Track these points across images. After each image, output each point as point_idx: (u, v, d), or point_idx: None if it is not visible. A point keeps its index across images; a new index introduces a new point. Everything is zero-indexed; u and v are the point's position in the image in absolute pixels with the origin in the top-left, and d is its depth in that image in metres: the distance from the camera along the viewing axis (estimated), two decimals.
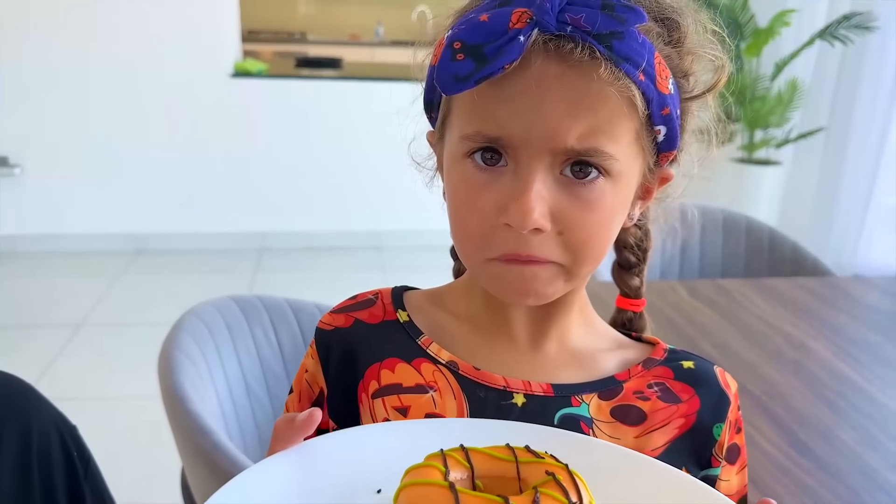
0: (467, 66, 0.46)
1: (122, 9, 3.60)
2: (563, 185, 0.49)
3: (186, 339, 1.14)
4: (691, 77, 0.53)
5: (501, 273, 0.52)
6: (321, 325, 0.62)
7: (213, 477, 0.95)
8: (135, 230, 3.90)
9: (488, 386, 0.57)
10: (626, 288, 0.66)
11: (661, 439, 0.57)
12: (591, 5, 0.45)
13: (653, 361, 0.60)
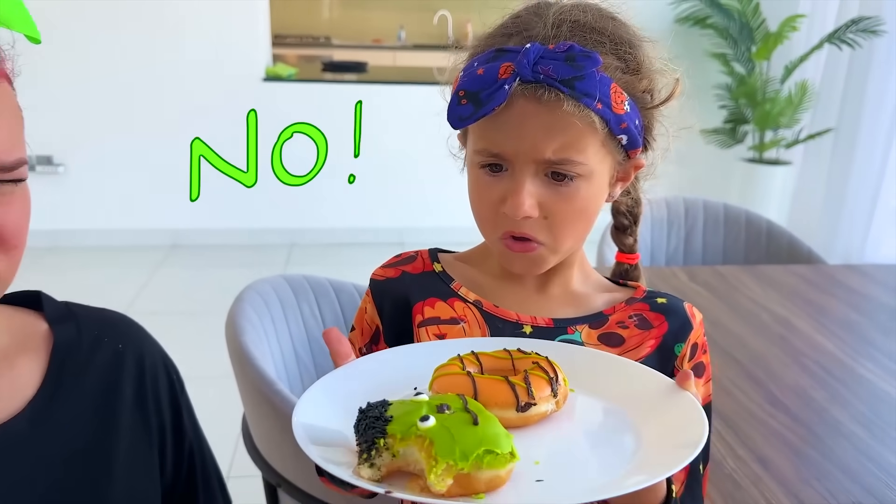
0: (468, 109, 0.65)
1: (162, 15, 3.82)
2: (547, 184, 0.67)
3: (248, 309, 1.32)
4: (654, 91, 0.70)
5: (508, 255, 0.71)
6: (375, 277, 0.80)
7: (276, 417, 1.13)
8: (171, 225, 4.11)
9: (504, 319, 0.75)
10: (622, 245, 0.84)
11: (634, 357, 0.74)
12: (557, 58, 0.62)
13: (634, 300, 0.78)
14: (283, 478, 1.20)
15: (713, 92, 4.12)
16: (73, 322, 0.71)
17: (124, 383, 0.71)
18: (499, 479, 0.51)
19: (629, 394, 0.63)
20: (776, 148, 4.05)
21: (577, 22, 0.66)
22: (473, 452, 0.49)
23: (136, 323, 0.77)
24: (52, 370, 0.67)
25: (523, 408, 0.58)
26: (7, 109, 0.57)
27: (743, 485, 1.02)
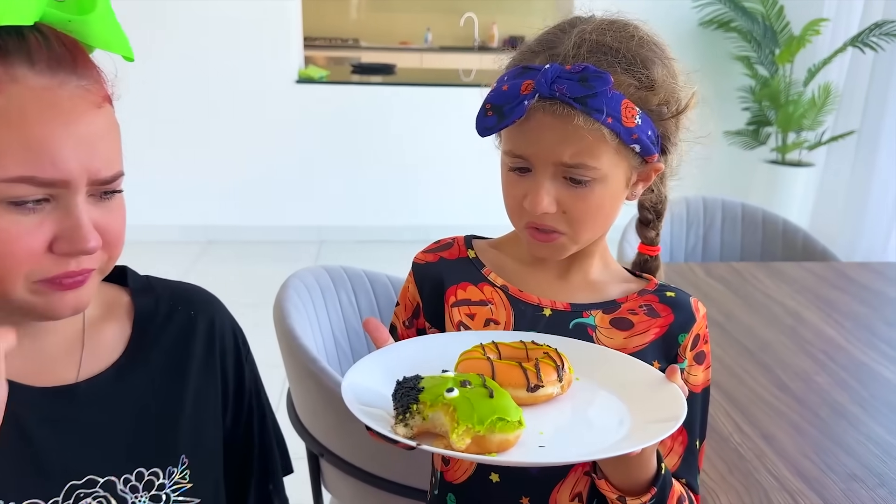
0: (493, 120, 0.76)
1: (201, 19, 3.98)
2: (564, 185, 0.76)
3: (293, 295, 1.44)
4: (671, 103, 0.77)
5: (533, 242, 0.81)
6: (417, 261, 0.91)
7: (320, 391, 1.25)
8: (206, 222, 4.27)
9: (527, 302, 0.85)
10: (644, 238, 0.93)
11: (640, 341, 0.83)
12: (572, 78, 0.71)
13: (646, 291, 0.87)
14: (326, 448, 1.32)
15: (736, 94, 4.18)
16: (152, 293, 0.81)
17: (195, 345, 0.81)
18: (508, 443, 0.62)
19: (625, 383, 0.73)
20: (799, 150, 4.10)
21: (596, 42, 0.75)
22: (488, 418, 0.60)
23: (207, 291, 0.87)
24: (135, 335, 0.77)
25: (532, 389, 0.69)
26: (110, 129, 0.65)
27: (747, 457, 1.12)
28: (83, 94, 0.62)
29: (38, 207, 0.61)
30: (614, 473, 0.74)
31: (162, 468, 0.75)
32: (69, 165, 0.61)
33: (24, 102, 0.59)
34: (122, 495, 0.72)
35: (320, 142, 4.34)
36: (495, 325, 0.85)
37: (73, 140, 0.61)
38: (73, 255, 0.63)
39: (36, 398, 0.69)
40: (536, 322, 0.84)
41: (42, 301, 0.64)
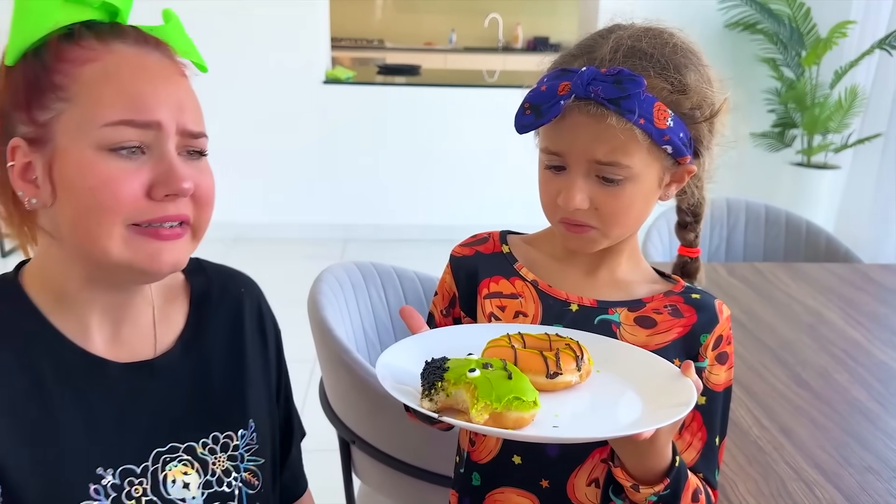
0: (530, 118, 0.80)
1: (231, 23, 4.06)
2: (597, 182, 0.80)
3: (325, 289, 1.50)
4: (703, 108, 0.80)
5: (566, 234, 0.85)
6: (454, 254, 0.96)
7: (352, 380, 1.30)
8: (234, 219, 4.36)
9: (555, 297, 0.89)
10: (683, 240, 0.96)
11: (662, 339, 0.86)
12: (607, 80, 0.75)
13: (672, 293, 0.90)
14: (357, 435, 1.37)
15: (762, 96, 4.18)
16: (204, 274, 0.88)
17: (246, 318, 0.88)
18: (523, 420, 0.67)
19: (641, 376, 0.77)
20: (825, 152, 4.09)
21: (631, 48, 0.79)
22: (505, 397, 0.66)
23: (245, 274, 0.94)
24: (192, 312, 0.84)
25: (551, 375, 0.73)
26: (192, 95, 0.75)
27: (766, 450, 1.15)
28: (168, 64, 0.73)
29: (135, 157, 0.68)
30: (630, 462, 0.77)
31: (235, 431, 0.83)
32: (160, 111, 0.69)
33: (119, 64, 0.69)
34: (203, 457, 0.79)
35: (346, 141, 4.41)
36: (524, 318, 0.89)
37: (162, 92, 0.70)
38: (170, 198, 0.69)
39: (122, 373, 0.76)
40: (563, 316, 0.88)
41: (142, 255, 0.69)
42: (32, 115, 0.68)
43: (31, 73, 0.69)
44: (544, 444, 0.86)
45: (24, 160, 0.69)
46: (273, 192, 4.42)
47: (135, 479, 0.74)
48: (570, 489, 0.87)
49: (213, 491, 0.79)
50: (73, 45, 0.69)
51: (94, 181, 0.66)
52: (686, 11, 4.19)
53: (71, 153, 0.67)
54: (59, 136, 0.68)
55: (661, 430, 0.71)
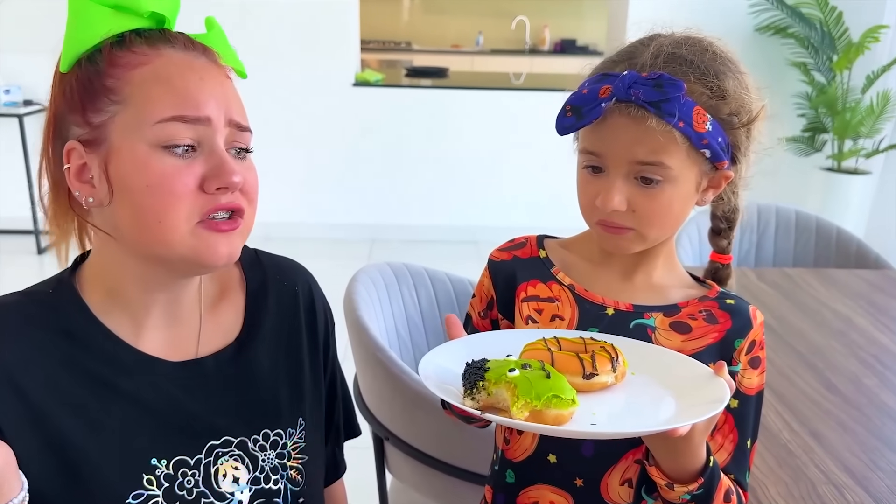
0: (571, 120, 0.82)
1: (264, 27, 4.13)
2: (635, 185, 0.82)
3: (360, 288, 1.54)
4: (741, 114, 0.82)
5: (603, 235, 0.87)
6: (492, 258, 0.98)
7: (387, 378, 1.34)
8: (263, 219, 4.41)
9: (591, 301, 0.91)
10: (716, 246, 0.97)
11: (698, 344, 0.88)
12: (647, 84, 0.77)
13: (706, 298, 0.91)
14: (390, 432, 1.40)
15: (792, 100, 4.16)
16: (261, 267, 0.90)
17: (300, 314, 0.90)
18: (562, 418, 0.70)
19: (675, 376, 0.79)
20: (855, 157, 4.06)
21: (672, 54, 0.81)
22: (545, 395, 0.69)
23: (303, 266, 0.96)
24: (249, 308, 0.87)
25: (587, 376, 0.76)
26: (237, 93, 0.78)
27: (796, 453, 1.17)
28: (212, 65, 0.77)
29: (187, 155, 0.71)
30: (665, 461, 0.79)
31: (284, 430, 0.85)
32: (209, 106, 0.73)
33: (168, 66, 0.73)
34: (254, 453, 0.82)
35: (375, 143, 4.46)
36: (560, 321, 0.91)
37: (209, 90, 0.74)
38: (222, 190, 0.72)
39: (174, 371, 0.79)
40: (599, 320, 0.89)
41: (202, 247, 0.72)
42: (87, 117, 0.72)
43: (85, 78, 0.72)
44: (579, 443, 0.89)
45: (79, 162, 0.73)
46: (302, 192, 4.48)
47: (188, 470, 0.77)
48: (603, 488, 0.89)
49: (259, 487, 0.82)
50: (125, 50, 0.73)
51: (149, 178, 0.70)
52: (715, 15, 4.18)
53: (126, 152, 0.70)
54: (114, 136, 0.71)
55: (696, 429, 0.73)
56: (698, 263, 2.14)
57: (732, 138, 0.82)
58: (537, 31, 7.75)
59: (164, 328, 0.80)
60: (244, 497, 0.80)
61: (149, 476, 0.75)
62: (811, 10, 4.09)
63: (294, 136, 4.37)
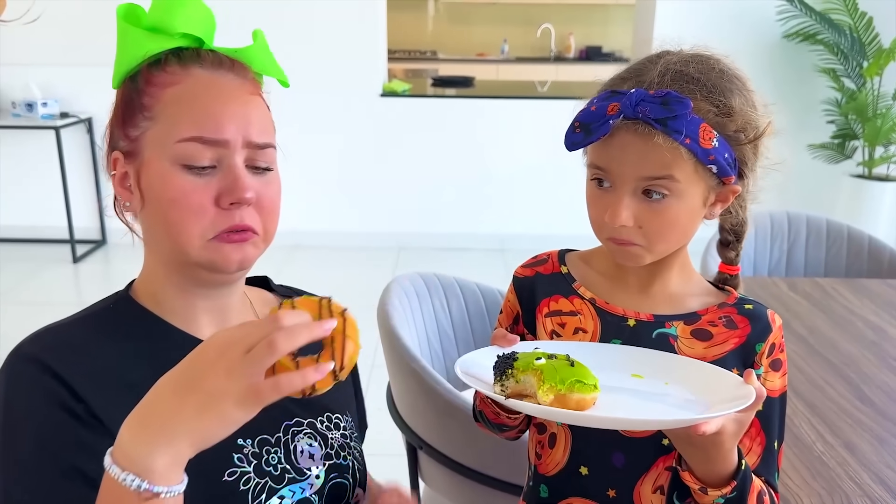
0: (580, 136, 0.84)
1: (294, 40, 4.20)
2: (642, 200, 0.84)
3: (393, 299, 1.56)
4: (748, 131, 0.84)
5: (613, 248, 0.89)
6: (517, 274, 1.01)
7: (420, 388, 1.36)
8: (293, 227, 4.48)
9: (613, 313, 0.93)
10: (724, 258, 0.99)
11: (719, 350, 0.89)
12: (654, 102, 0.79)
13: (725, 304, 0.93)
14: (424, 441, 1.43)
15: (821, 107, 4.12)
16: (291, 291, 0.97)
17: None
18: (585, 402, 0.74)
19: (704, 383, 0.81)
20: (887, 164, 4.01)
21: (679, 72, 0.83)
22: (568, 380, 0.73)
23: None
24: None
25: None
26: (261, 110, 0.82)
27: (830, 465, 1.17)
28: (239, 84, 0.81)
29: (206, 173, 0.76)
30: (697, 465, 0.80)
31: (342, 413, 0.93)
32: (228, 129, 0.77)
33: (195, 87, 0.78)
34: (323, 432, 0.89)
35: (402, 152, 4.50)
36: (583, 334, 0.93)
37: (231, 111, 0.78)
38: (235, 206, 0.77)
39: None
40: (621, 332, 0.91)
41: (214, 255, 0.78)
42: (127, 131, 0.79)
43: (127, 95, 0.80)
44: (610, 453, 0.90)
45: (122, 170, 0.80)
46: (332, 201, 4.54)
47: (270, 447, 0.82)
48: (636, 497, 0.90)
49: (332, 462, 0.87)
50: (160, 70, 0.79)
51: (171, 193, 0.76)
52: (743, 22, 4.17)
53: (154, 166, 0.77)
54: (146, 150, 0.78)
55: (727, 432, 0.75)
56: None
57: (739, 154, 0.84)
58: (562, 39, 7.76)
59: (219, 328, 0.85)
60: (321, 471, 0.85)
61: (238, 455, 0.80)
62: (840, 16, 4.05)
63: (323, 146, 4.43)
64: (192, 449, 0.61)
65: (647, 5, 4.31)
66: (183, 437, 0.60)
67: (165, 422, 0.60)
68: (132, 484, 0.59)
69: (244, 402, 0.60)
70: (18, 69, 4.21)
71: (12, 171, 4.42)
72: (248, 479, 0.79)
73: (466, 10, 7.85)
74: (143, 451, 0.59)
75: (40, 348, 0.76)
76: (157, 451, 0.59)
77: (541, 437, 0.97)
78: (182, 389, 0.61)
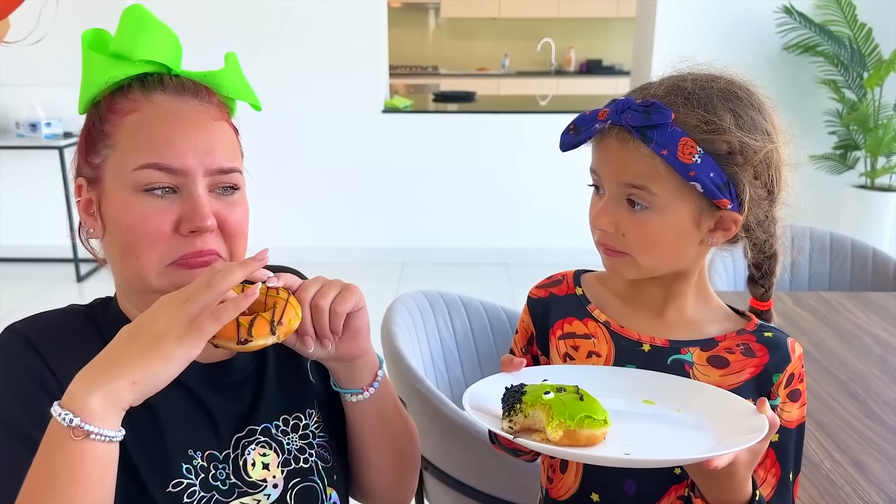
0: (570, 137, 0.86)
1: (296, 59, 4.23)
2: (626, 208, 0.84)
3: (397, 318, 1.56)
4: (745, 154, 0.81)
5: (603, 256, 0.89)
6: (531, 295, 1.00)
7: (425, 409, 1.35)
8: (297, 243, 4.49)
9: (627, 338, 0.92)
10: (753, 293, 0.96)
11: (735, 379, 0.88)
12: (637, 110, 0.80)
13: (744, 331, 0.91)
14: (430, 462, 1.42)
15: (822, 118, 4.12)
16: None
17: None
18: (595, 438, 0.72)
19: (717, 412, 0.79)
20: (889, 174, 4.01)
21: (675, 85, 0.83)
22: (578, 415, 0.72)
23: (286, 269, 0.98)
24: None
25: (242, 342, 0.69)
26: (225, 137, 0.81)
27: (839, 483, 1.16)
28: (203, 110, 0.80)
29: (167, 196, 0.76)
30: (710, 494, 0.79)
31: (303, 412, 0.89)
32: (186, 157, 0.76)
33: (155, 114, 0.78)
34: (279, 438, 0.86)
35: (404, 167, 4.51)
36: (597, 358, 0.91)
37: (191, 140, 0.77)
38: (196, 233, 0.76)
39: (203, 372, 0.84)
40: (636, 357, 0.90)
41: (174, 281, 0.77)
42: (89, 158, 0.79)
43: (90, 121, 0.80)
44: (622, 481, 0.89)
45: (86, 196, 0.80)
46: (334, 217, 4.54)
47: (218, 463, 0.81)
48: None
49: (291, 468, 0.85)
50: (123, 97, 0.78)
51: (130, 219, 0.76)
52: (743, 35, 4.18)
53: (113, 193, 0.77)
54: (106, 178, 0.78)
55: (740, 463, 0.74)
56: (733, 288, 2.13)
57: (732, 177, 0.81)
58: (563, 53, 7.79)
59: None
60: (278, 480, 0.84)
61: (187, 465, 0.79)
62: (840, 27, 4.06)
63: (326, 163, 4.44)
64: (133, 389, 0.63)
65: (647, 19, 4.33)
66: (124, 375, 0.63)
67: (109, 362, 0.64)
68: (65, 419, 0.61)
69: (185, 337, 0.64)
70: (22, 90, 4.24)
71: (16, 191, 4.44)
72: (192, 493, 0.78)
73: (467, 25, 7.89)
74: (82, 390, 0.62)
75: (30, 329, 0.79)
76: (95, 389, 0.62)
77: (552, 462, 0.96)
78: (130, 336, 0.65)
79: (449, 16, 7.81)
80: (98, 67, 0.79)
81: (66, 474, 0.62)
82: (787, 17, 4.04)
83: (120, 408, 0.64)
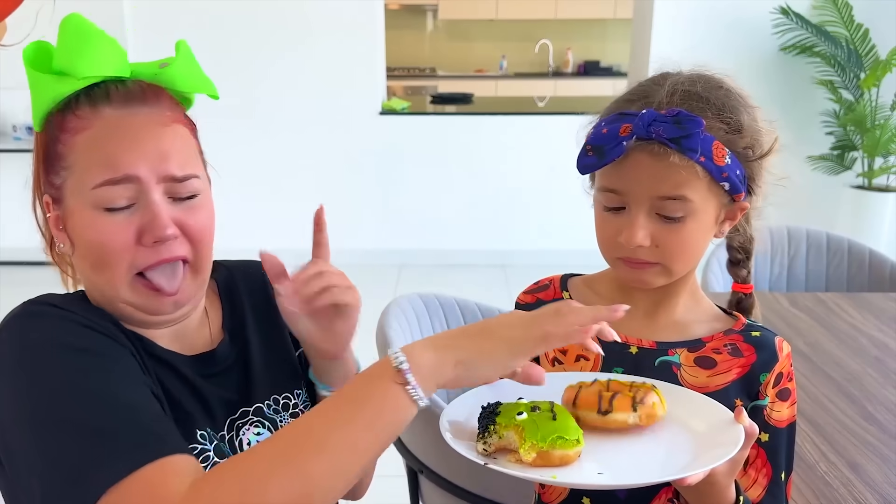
0: (593, 160, 0.84)
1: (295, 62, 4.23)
2: (658, 220, 0.83)
3: (392, 321, 1.56)
4: (756, 147, 0.84)
5: (625, 269, 0.88)
6: (519, 301, 1.00)
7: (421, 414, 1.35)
8: (294, 246, 4.47)
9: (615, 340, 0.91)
10: (736, 277, 0.98)
11: (723, 380, 0.88)
12: (667, 121, 0.79)
13: (732, 331, 0.91)
14: (424, 464, 1.41)
15: (819, 119, 4.13)
16: (223, 268, 0.97)
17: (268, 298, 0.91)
18: (568, 458, 0.72)
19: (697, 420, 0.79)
20: (886, 175, 4.01)
21: (687, 91, 0.83)
22: (549, 437, 0.72)
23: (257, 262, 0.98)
24: (225, 303, 0.94)
25: (603, 413, 0.77)
26: (178, 141, 0.80)
27: (834, 485, 1.16)
28: (151, 118, 0.79)
29: (126, 211, 0.77)
30: (694, 501, 0.80)
31: (291, 392, 0.93)
32: (138, 166, 0.76)
33: (104, 129, 0.77)
34: (271, 416, 0.89)
35: (401, 170, 4.51)
36: (585, 361, 0.92)
37: (142, 149, 0.77)
38: (158, 243, 0.77)
39: (191, 362, 0.85)
40: (623, 359, 0.90)
41: (145, 301, 0.79)
42: (50, 178, 0.80)
43: (45, 141, 0.80)
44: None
45: (54, 213, 0.81)
46: (333, 218, 4.49)
47: (218, 442, 0.84)
48: None
49: None
50: (70, 114, 0.78)
51: (93, 236, 0.77)
52: (740, 36, 4.17)
53: (76, 213, 0.78)
54: (68, 198, 0.79)
55: (720, 473, 0.74)
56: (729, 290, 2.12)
57: (748, 170, 0.84)
58: (560, 54, 7.79)
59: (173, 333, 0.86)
60: None
61: (202, 432, 0.82)
62: (837, 28, 4.06)
63: (324, 165, 4.44)
64: (454, 366, 0.67)
65: (644, 20, 4.33)
66: (455, 351, 0.67)
67: (451, 338, 0.70)
68: (396, 360, 0.66)
69: (518, 348, 0.68)
70: (19, 93, 4.19)
71: (14, 194, 4.42)
72: (207, 457, 0.81)
73: (465, 26, 7.89)
74: (421, 345, 0.68)
75: (49, 299, 0.80)
76: (431, 350, 0.67)
77: None
78: (479, 331, 0.70)
79: (446, 17, 7.81)
80: (43, 85, 0.79)
81: (371, 409, 0.66)
82: (784, 17, 4.04)
83: (438, 378, 0.67)
